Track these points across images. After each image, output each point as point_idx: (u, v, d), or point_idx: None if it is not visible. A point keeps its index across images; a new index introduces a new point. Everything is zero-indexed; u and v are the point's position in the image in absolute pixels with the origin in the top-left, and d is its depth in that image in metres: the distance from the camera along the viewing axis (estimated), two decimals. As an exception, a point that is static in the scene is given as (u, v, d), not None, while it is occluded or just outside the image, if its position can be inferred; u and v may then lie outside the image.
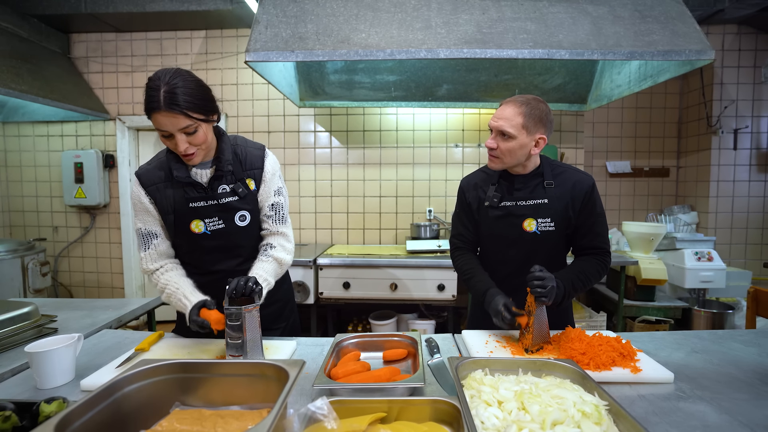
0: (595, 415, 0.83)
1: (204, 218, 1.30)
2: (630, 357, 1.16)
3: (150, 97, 1.13)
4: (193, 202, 1.29)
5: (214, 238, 1.33)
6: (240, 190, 1.32)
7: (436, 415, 0.86)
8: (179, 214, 1.29)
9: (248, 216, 1.35)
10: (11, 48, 2.99)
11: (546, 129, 1.32)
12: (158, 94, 1.12)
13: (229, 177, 1.32)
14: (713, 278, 3.05)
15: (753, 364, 1.18)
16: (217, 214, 1.31)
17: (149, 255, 1.33)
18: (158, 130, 1.17)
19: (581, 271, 1.34)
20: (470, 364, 1.04)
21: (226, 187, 1.31)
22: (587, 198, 1.36)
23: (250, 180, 1.35)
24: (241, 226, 1.35)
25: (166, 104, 1.12)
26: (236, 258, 1.37)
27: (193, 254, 1.37)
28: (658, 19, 2.19)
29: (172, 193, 1.29)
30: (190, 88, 1.16)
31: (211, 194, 1.30)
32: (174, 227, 1.32)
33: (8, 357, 1.23)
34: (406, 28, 2.18)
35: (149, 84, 1.15)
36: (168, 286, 1.28)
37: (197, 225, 1.30)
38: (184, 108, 1.13)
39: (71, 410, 0.64)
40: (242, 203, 1.33)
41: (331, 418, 0.67)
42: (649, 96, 3.94)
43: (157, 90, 1.12)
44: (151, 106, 1.13)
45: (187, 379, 0.83)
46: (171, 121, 1.14)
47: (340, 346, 1.23)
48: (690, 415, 0.92)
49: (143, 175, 1.31)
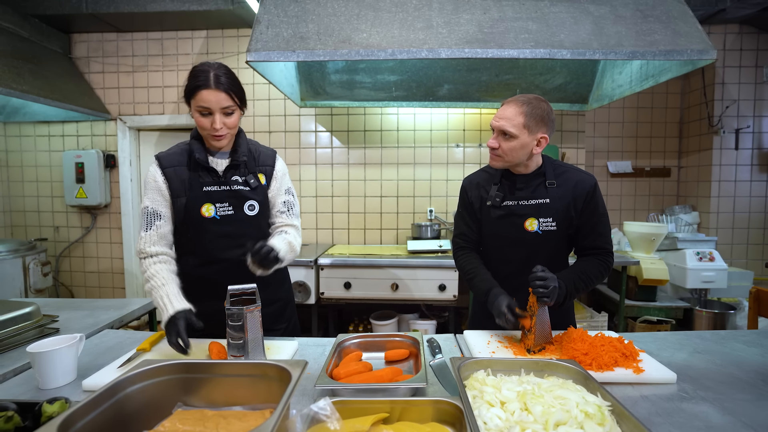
0: (598, 415, 0.82)
1: (215, 202, 1.36)
2: (632, 357, 1.16)
3: (197, 77, 1.27)
4: (207, 186, 1.36)
5: (223, 223, 1.37)
6: (252, 181, 1.40)
7: (438, 416, 0.86)
8: (192, 197, 1.35)
9: (257, 206, 1.41)
10: (12, 48, 2.99)
11: (548, 128, 1.32)
12: (208, 75, 1.27)
13: (243, 169, 1.40)
14: (715, 278, 3.05)
15: (755, 364, 1.18)
16: (228, 200, 1.37)
17: (149, 236, 1.34)
18: (198, 108, 1.28)
19: (583, 272, 1.34)
20: (472, 365, 1.04)
21: (239, 177, 1.39)
22: (589, 197, 1.36)
23: (261, 175, 1.44)
24: (250, 215, 1.40)
25: (215, 83, 1.26)
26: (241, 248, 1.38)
27: (199, 240, 1.39)
28: (659, 19, 2.18)
29: (187, 176, 1.36)
30: (234, 77, 1.33)
31: (224, 181, 1.38)
32: (184, 210, 1.36)
33: (10, 357, 1.23)
34: (408, 27, 2.18)
35: (197, 68, 1.29)
36: (154, 278, 1.29)
37: (208, 209, 1.36)
38: (229, 89, 1.28)
39: (74, 411, 0.64)
40: (252, 194, 1.40)
41: (334, 418, 0.66)
42: (650, 96, 3.93)
43: (206, 72, 1.27)
44: (198, 84, 1.26)
45: (189, 379, 0.83)
46: (216, 98, 1.27)
47: (341, 347, 1.23)
48: (693, 415, 0.92)
49: (164, 157, 1.39)
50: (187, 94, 1.30)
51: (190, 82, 1.29)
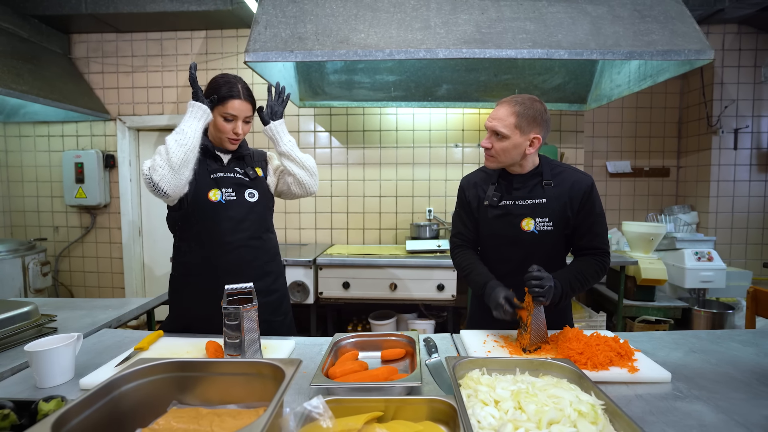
0: (592, 414, 0.83)
1: (221, 188, 1.50)
2: (627, 357, 1.16)
3: (229, 88, 1.44)
4: (214, 173, 1.50)
5: (227, 208, 1.49)
6: (251, 173, 1.56)
7: (432, 415, 0.86)
8: (200, 184, 1.47)
9: (256, 194, 1.56)
10: (12, 48, 3.00)
11: (541, 129, 1.33)
12: (237, 86, 1.46)
13: (242, 162, 1.56)
14: (713, 278, 3.05)
15: (751, 364, 1.18)
16: (232, 186, 1.52)
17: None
18: (225, 115, 1.45)
19: (579, 272, 1.34)
20: (467, 364, 1.05)
21: (240, 169, 1.56)
22: (586, 198, 1.36)
23: (258, 168, 1.60)
24: (250, 201, 1.54)
25: (245, 95, 1.47)
26: (244, 231, 1.52)
27: (205, 224, 1.49)
28: (657, 19, 2.19)
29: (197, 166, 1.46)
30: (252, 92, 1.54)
31: (228, 169, 1.54)
32: (193, 195, 1.46)
33: (8, 356, 1.23)
34: (405, 28, 2.19)
35: (225, 78, 1.47)
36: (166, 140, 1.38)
37: (215, 194, 1.48)
38: (252, 102, 1.51)
39: (68, 408, 0.65)
40: (251, 184, 1.56)
41: (326, 416, 0.67)
42: (649, 96, 3.93)
43: (234, 84, 1.46)
44: (231, 94, 1.44)
45: (184, 377, 0.84)
46: (244, 108, 1.47)
47: (338, 346, 1.23)
48: (687, 414, 0.92)
49: None
50: (217, 100, 1.44)
51: (221, 91, 1.44)
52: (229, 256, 1.49)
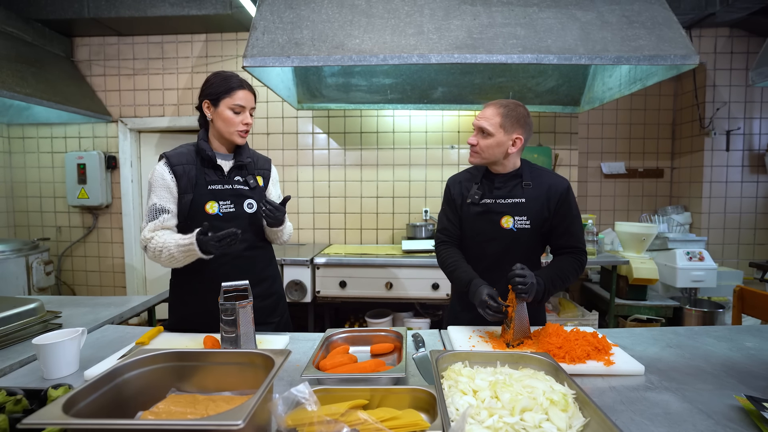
0: (562, 402, 0.89)
1: (219, 200, 1.48)
2: (605, 351, 1.22)
3: (231, 80, 1.47)
4: (212, 184, 1.49)
5: (225, 220, 1.49)
6: (251, 182, 1.55)
7: (415, 403, 0.92)
8: (197, 194, 1.47)
9: (255, 205, 1.55)
10: (16, 52, 3.06)
11: (524, 130, 1.41)
12: (238, 79, 1.48)
13: (244, 171, 1.55)
14: (704, 278, 3.10)
15: (722, 357, 1.24)
16: (230, 198, 1.51)
17: (155, 225, 1.43)
18: (233, 106, 1.46)
19: (560, 269, 1.41)
20: (450, 357, 1.10)
21: (240, 178, 1.54)
22: (563, 200, 1.44)
23: (259, 177, 1.60)
24: (249, 212, 1.54)
25: (247, 86, 1.50)
26: (241, 243, 1.50)
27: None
28: (644, 25, 2.24)
29: (195, 174, 1.48)
30: None
31: (227, 180, 1.51)
32: (189, 207, 1.46)
33: (16, 350, 1.29)
34: (399, 33, 2.24)
35: (224, 73, 1.49)
36: (161, 239, 1.39)
37: (212, 206, 1.48)
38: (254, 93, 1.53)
39: (77, 392, 0.71)
40: (251, 193, 1.55)
41: (312, 401, 0.73)
42: (643, 98, 3.99)
43: (235, 77, 1.48)
44: (235, 84, 1.46)
45: (182, 367, 0.90)
46: (249, 98, 1.49)
47: (329, 341, 1.29)
48: (654, 403, 0.98)
49: (172, 155, 1.49)
50: (221, 93, 1.45)
51: (224, 84, 1.46)
52: (227, 267, 1.49)
